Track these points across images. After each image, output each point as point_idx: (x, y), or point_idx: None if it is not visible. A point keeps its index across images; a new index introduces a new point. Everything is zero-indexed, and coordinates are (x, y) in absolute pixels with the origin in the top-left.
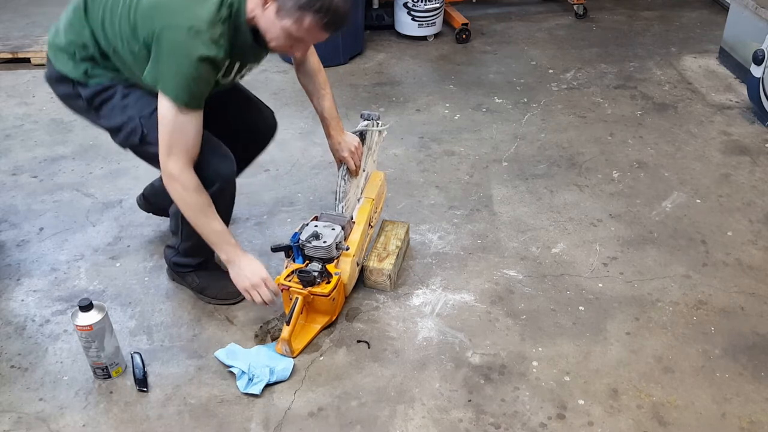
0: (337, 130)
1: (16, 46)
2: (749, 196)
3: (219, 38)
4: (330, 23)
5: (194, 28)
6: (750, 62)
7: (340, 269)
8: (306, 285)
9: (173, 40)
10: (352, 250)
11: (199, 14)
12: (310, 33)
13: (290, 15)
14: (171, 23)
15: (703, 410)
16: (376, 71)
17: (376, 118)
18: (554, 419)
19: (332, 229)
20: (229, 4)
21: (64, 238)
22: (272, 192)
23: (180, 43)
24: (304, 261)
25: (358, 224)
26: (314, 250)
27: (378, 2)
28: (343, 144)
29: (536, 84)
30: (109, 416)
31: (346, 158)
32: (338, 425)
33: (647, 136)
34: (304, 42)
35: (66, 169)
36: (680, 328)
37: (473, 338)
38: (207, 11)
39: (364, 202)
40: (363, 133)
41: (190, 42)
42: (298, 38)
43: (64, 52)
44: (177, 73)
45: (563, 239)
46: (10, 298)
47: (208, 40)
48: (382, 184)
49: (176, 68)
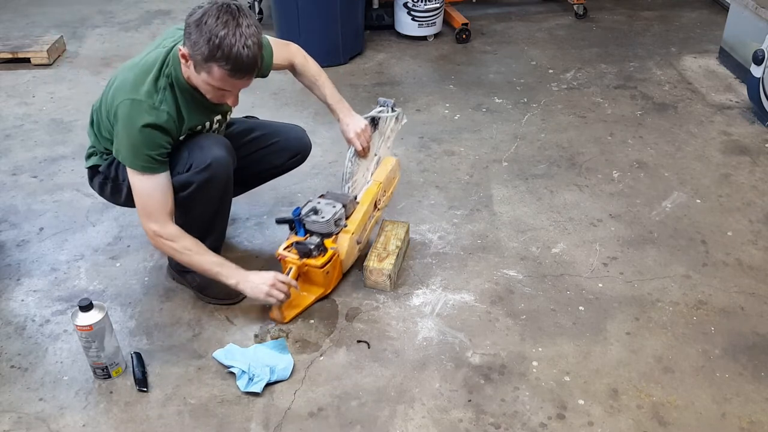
0: (344, 112)
1: (16, 46)
2: (749, 196)
3: (159, 104)
4: (235, 70)
5: (135, 100)
6: (750, 62)
7: (338, 245)
8: (302, 256)
9: (122, 114)
10: (352, 227)
11: (140, 88)
12: (224, 82)
13: (203, 68)
14: (120, 100)
15: (703, 410)
16: (376, 71)
17: (391, 104)
18: (554, 419)
19: (333, 206)
20: (167, 74)
21: (64, 238)
22: (272, 192)
23: (126, 115)
24: (305, 234)
25: (361, 204)
26: (313, 225)
27: (378, 2)
28: (351, 126)
29: (536, 84)
30: (109, 416)
31: (352, 139)
32: (338, 425)
33: (647, 136)
34: (228, 90)
35: (66, 169)
36: (680, 328)
37: (473, 338)
38: (147, 84)
39: (371, 184)
40: (375, 119)
41: (133, 113)
42: (219, 88)
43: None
44: (128, 142)
45: (563, 239)
46: (10, 298)
47: (147, 108)
48: (392, 169)
49: (126, 138)
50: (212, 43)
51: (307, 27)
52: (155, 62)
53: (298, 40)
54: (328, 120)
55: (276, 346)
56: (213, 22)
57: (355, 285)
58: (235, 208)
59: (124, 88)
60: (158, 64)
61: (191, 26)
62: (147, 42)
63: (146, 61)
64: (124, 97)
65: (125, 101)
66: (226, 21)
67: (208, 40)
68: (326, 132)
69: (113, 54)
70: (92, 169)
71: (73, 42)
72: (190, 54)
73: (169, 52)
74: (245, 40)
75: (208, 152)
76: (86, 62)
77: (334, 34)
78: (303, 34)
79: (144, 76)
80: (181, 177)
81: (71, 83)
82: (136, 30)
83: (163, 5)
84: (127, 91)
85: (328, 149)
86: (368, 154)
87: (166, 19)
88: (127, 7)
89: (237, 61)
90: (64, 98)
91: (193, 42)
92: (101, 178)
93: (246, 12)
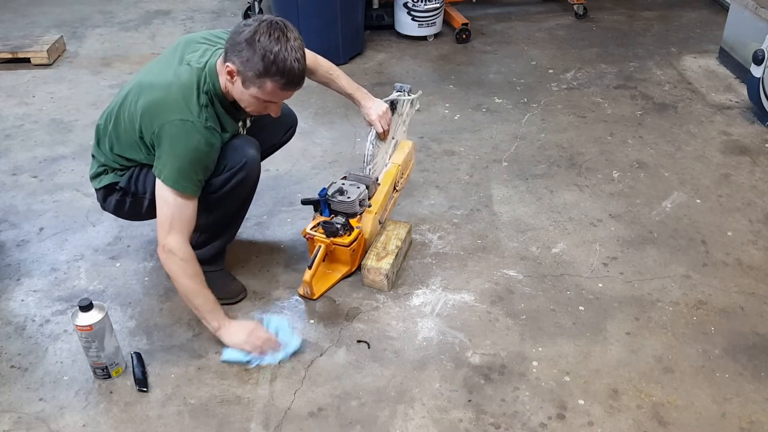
0: (364, 98)
1: (16, 46)
2: (749, 196)
3: (206, 122)
4: (288, 83)
5: (187, 121)
6: (750, 62)
7: (362, 224)
8: (329, 235)
9: (172, 134)
10: (375, 208)
11: (188, 108)
12: (275, 95)
13: (253, 83)
14: (167, 120)
15: (703, 410)
16: (376, 71)
17: (408, 89)
18: (554, 419)
19: (357, 187)
20: (206, 91)
21: (64, 238)
22: (272, 192)
23: (177, 135)
24: (330, 215)
25: (382, 185)
26: (339, 205)
27: (378, 2)
28: (373, 109)
29: (536, 84)
30: (109, 416)
31: (374, 121)
32: (338, 425)
33: (647, 136)
34: (273, 103)
35: (66, 169)
36: (680, 328)
37: (473, 338)
38: (193, 104)
39: (390, 167)
40: (394, 102)
41: (187, 133)
42: (266, 101)
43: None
44: (178, 162)
45: (563, 239)
46: (10, 298)
47: (201, 128)
48: (410, 152)
49: (176, 158)
50: (267, 60)
51: (307, 27)
52: (191, 80)
53: None
54: (328, 120)
55: (278, 327)
56: (266, 40)
57: (355, 285)
58: None
59: (167, 109)
60: (195, 81)
61: (242, 44)
62: (147, 42)
63: (181, 81)
64: (171, 117)
65: (175, 122)
66: (278, 37)
67: (263, 57)
68: (326, 132)
69: (113, 54)
70: (108, 188)
71: (73, 42)
72: (239, 70)
73: (203, 68)
74: (295, 53)
75: (242, 152)
76: (86, 62)
77: (334, 34)
78: (303, 34)
79: (187, 96)
80: (218, 178)
81: (71, 83)
82: (136, 30)
83: (163, 5)
84: (172, 111)
85: (328, 149)
86: (388, 136)
87: (166, 19)
88: (127, 7)
89: (290, 75)
90: (64, 98)
91: (246, 59)
92: (119, 195)
93: (291, 27)
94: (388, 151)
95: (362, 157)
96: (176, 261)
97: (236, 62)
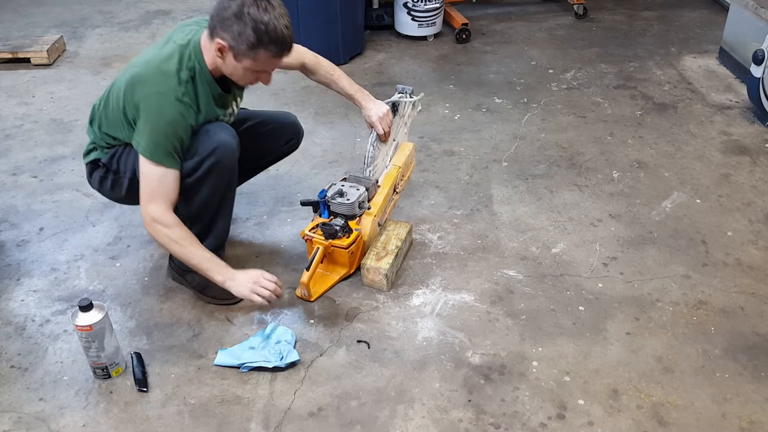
0: (365, 99)
1: (16, 46)
2: (749, 196)
3: (183, 96)
4: (280, 51)
5: (163, 93)
6: (750, 62)
7: (361, 226)
8: (328, 237)
9: (148, 106)
10: (374, 210)
11: (166, 81)
12: (267, 64)
13: (247, 56)
14: (145, 93)
15: (703, 410)
16: (376, 71)
17: (410, 91)
18: (554, 419)
19: (357, 189)
20: (189, 67)
21: (64, 238)
22: (272, 192)
23: (153, 107)
24: (329, 216)
25: (382, 188)
26: (338, 207)
27: (378, 2)
28: (374, 110)
29: (536, 84)
30: (109, 416)
31: (375, 123)
32: (338, 425)
33: (647, 136)
34: (266, 72)
35: (66, 169)
36: (680, 328)
37: (473, 338)
38: (171, 77)
39: (391, 169)
40: (396, 104)
41: (161, 105)
42: (259, 71)
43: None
44: (153, 133)
45: (563, 239)
46: (10, 298)
47: (175, 101)
48: (410, 154)
49: (152, 130)
50: (259, 30)
51: (307, 27)
52: (172, 56)
53: (297, 40)
54: (328, 120)
55: (281, 336)
56: (255, 11)
57: (355, 285)
58: (236, 209)
59: (146, 82)
60: (176, 57)
61: (231, 19)
62: (147, 42)
63: (162, 56)
64: (149, 90)
65: (151, 94)
66: (265, 7)
67: (254, 28)
68: (326, 132)
69: (113, 54)
70: (92, 164)
71: (73, 42)
72: (231, 45)
73: (187, 45)
74: (284, 20)
75: (214, 137)
76: (86, 62)
77: (334, 34)
78: (303, 34)
79: (166, 70)
80: (189, 162)
81: (71, 83)
82: (136, 30)
83: (163, 5)
84: (150, 84)
85: (327, 149)
86: (389, 138)
87: (166, 19)
88: (127, 7)
89: (282, 42)
90: (64, 98)
91: (237, 33)
92: (102, 172)
93: None
94: (389, 153)
95: (362, 157)
96: (161, 230)
97: (227, 37)
